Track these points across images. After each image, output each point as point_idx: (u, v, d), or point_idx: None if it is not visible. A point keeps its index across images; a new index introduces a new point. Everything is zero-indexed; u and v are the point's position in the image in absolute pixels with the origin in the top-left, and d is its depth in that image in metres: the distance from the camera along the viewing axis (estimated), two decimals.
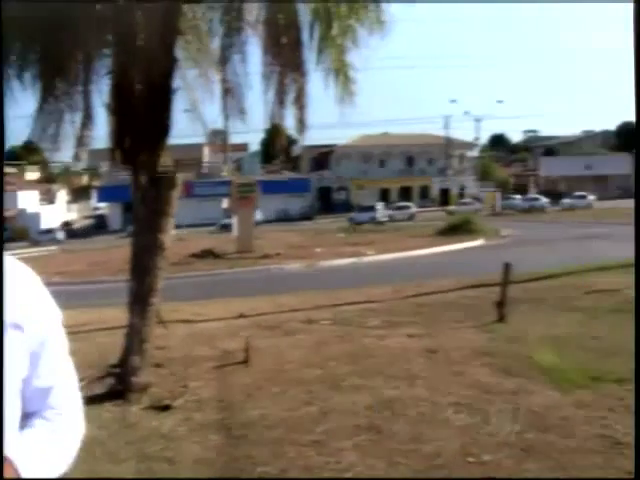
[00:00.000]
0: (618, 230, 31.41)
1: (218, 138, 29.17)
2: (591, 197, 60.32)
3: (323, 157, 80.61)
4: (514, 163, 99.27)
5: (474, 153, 74.48)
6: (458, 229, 31.75)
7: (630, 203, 25.37)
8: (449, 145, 77.06)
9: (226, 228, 39.10)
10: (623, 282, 12.53)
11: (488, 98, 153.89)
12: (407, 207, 61.44)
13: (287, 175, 76.36)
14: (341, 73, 7.41)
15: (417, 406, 5.80)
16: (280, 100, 7.42)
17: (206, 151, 72.77)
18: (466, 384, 6.39)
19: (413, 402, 5.90)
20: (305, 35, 7.25)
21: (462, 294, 12.33)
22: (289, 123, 7.72)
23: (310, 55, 7.29)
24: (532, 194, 68.30)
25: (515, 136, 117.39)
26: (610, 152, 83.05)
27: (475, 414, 5.53)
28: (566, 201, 59.26)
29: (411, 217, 57.55)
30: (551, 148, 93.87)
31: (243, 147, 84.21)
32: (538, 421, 5.34)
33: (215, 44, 7.29)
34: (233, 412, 6.18)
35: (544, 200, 60.67)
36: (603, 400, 5.83)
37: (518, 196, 65.75)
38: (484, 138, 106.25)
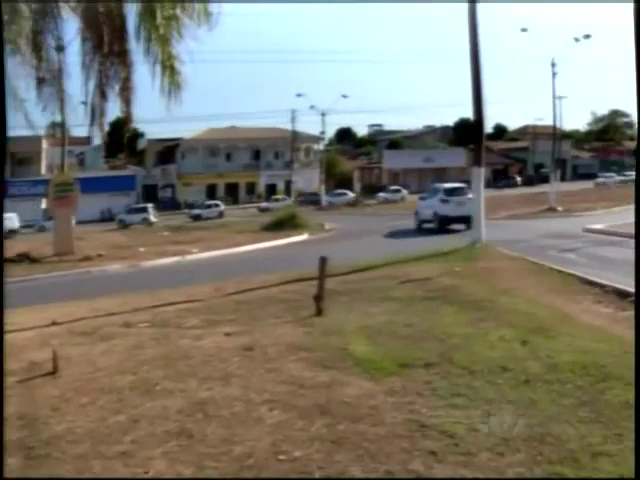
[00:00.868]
0: None
1: (57, 131, 27.44)
2: (404, 191, 63.85)
3: (169, 151, 78.70)
4: (360, 156, 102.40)
5: (321, 147, 76.07)
6: (284, 224, 32.17)
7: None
8: (295, 138, 77.87)
9: (45, 230, 37.11)
10: (435, 271, 13.22)
11: (334, 92, 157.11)
12: (216, 205, 61.34)
13: (112, 172, 73.56)
14: (167, 65, 7.13)
15: (230, 406, 5.67)
16: (101, 91, 7.00)
17: (45, 145, 67.70)
18: (281, 380, 6.35)
19: (226, 402, 5.77)
20: (131, 24, 6.90)
21: (283, 289, 12.40)
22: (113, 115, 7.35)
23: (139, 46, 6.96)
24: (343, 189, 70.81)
25: (361, 130, 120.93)
26: (449, 146, 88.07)
27: (288, 410, 5.50)
28: (382, 195, 62.34)
29: (220, 215, 57.57)
30: (395, 142, 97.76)
31: (85, 140, 79.70)
32: (350, 412, 5.39)
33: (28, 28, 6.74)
34: (36, 429, 5.72)
35: (351, 195, 63.95)
36: (412, 385, 6.02)
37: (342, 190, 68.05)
38: (331, 132, 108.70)
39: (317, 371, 6.61)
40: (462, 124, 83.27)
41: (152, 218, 54.81)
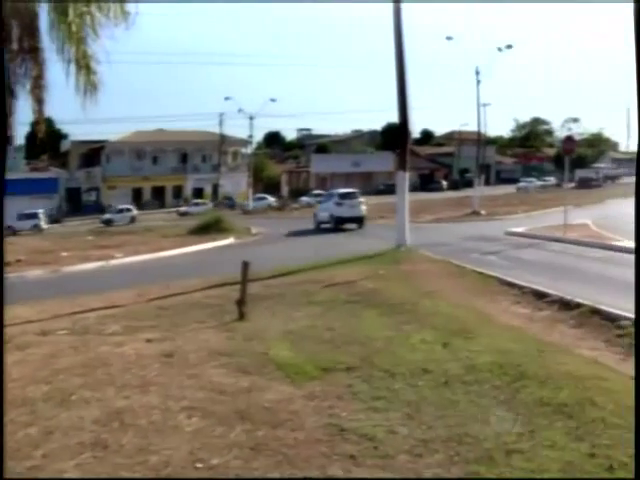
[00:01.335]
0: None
1: None
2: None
3: (94, 153, 76.57)
4: (288, 160, 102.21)
5: (249, 150, 75.67)
6: (210, 228, 31.86)
7: (391, 198, 27.42)
8: (223, 142, 77.06)
9: None
10: (359, 274, 13.31)
11: (262, 96, 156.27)
12: (128, 210, 60.04)
13: (34, 174, 71.16)
14: (82, 64, 6.92)
15: (148, 415, 5.53)
16: (10, 90, 6.72)
17: None
18: (200, 386, 6.26)
19: (144, 411, 5.63)
20: (43, 21, 6.66)
21: (206, 294, 12.25)
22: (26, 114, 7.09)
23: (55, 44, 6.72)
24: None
25: (290, 134, 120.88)
26: (376, 151, 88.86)
27: (208, 417, 5.41)
28: (304, 199, 62.57)
29: (132, 220, 56.43)
30: (323, 146, 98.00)
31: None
32: (270, 417, 5.36)
33: None
34: None
35: (271, 199, 64.05)
36: (333, 389, 6.03)
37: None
38: (260, 136, 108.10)
39: (238, 377, 6.54)
40: (390, 129, 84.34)
41: (43, 224, 52.68)
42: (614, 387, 5.94)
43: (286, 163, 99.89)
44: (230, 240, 28.85)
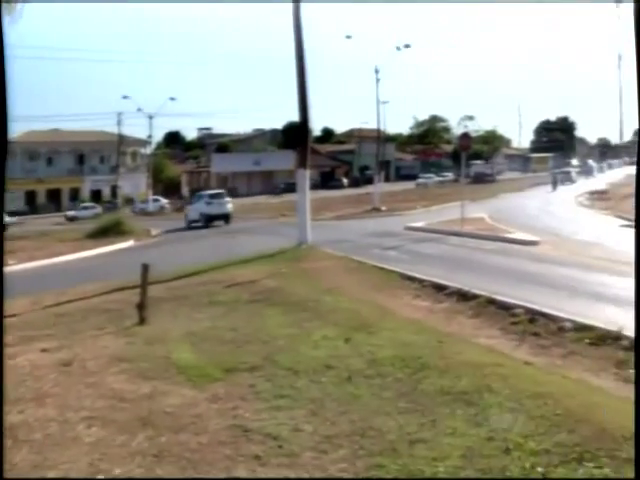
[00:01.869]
0: (262, 224, 33.57)
1: None
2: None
3: None
4: (188, 160, 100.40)
5: (148, 151, 73.74)
6: (109, 231, 31.01)
7: (292, 197, 27.63)
8: (122, 142, 74.85)
9: None
10: (261, 273, 13.27)
11: (161, 95, 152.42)
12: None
13: None
14: None
15: (44, 428, 5.31)
16: None
17: None
18: (100, 395, 6.06)
19: (40, 425, 5.39)
20: None
21: (105, 299, 11.89)
22: None
23: None
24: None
25: (190, 133, 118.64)
26: (278, 149, 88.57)
27: (108, 426, 5.25)
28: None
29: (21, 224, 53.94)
30: (224, 145, 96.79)
31: None
32: (172, 422, 5.25)
33: None
34: None
35: (164, 201, 63.00)
36: (236, 390, 5.98)
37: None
38: (159, 135, 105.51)
39: (139, 383, 6.37)
40: (291, 127, 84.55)
41: None
42: (510, 373, 6.18)
43: (186, 163, 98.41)
44: (130, 243, 28.18)
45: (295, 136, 45.12)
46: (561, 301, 10.19)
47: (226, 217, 36.12)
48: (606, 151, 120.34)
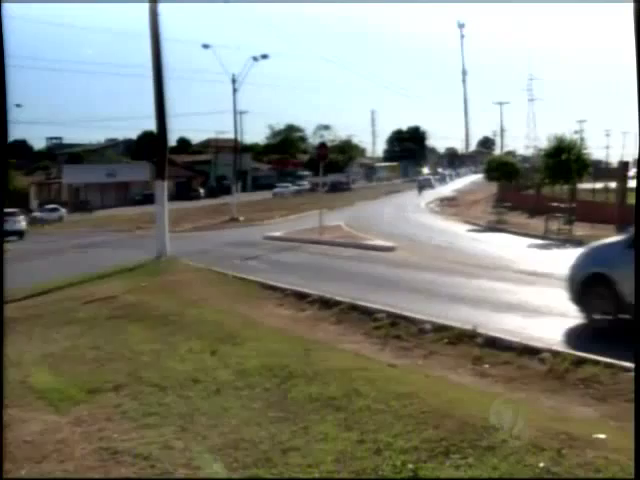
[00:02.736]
0: (118, 237, 32.56)
1: None
2: (62, 210, 61.34)
3: None
4: (37, 171, 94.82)
5: None
6: None
7: (149, 208, 26.74)
8: None
9: None
10: (120, 288, 12.86)
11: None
12: None
13: None
14: None
15: None
16: None
17: None
18: None
19: None
20: None
21: None
22: None
23: None
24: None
25: (38, 143, 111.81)
26: (132, 160, 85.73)
27: None
28: (37, 214, 59.15)
29: None
30: (76, 155, 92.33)
31: None
32: (33, 452, 4.95)
33: None
34: None
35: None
36: (101, 411, 5.76)
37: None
38: None
39: None
40: (145, 137, 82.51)
41: None
42: (376, 376, 6.36)
43: (34, 174, 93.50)
44: None
45: (151, 146, 44.12)
46: (420, 304, 10.63)
47: (20, 233, 38.10)
48: (454, 160, 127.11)
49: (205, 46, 43.45)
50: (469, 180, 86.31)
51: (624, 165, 28.55)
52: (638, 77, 2.89)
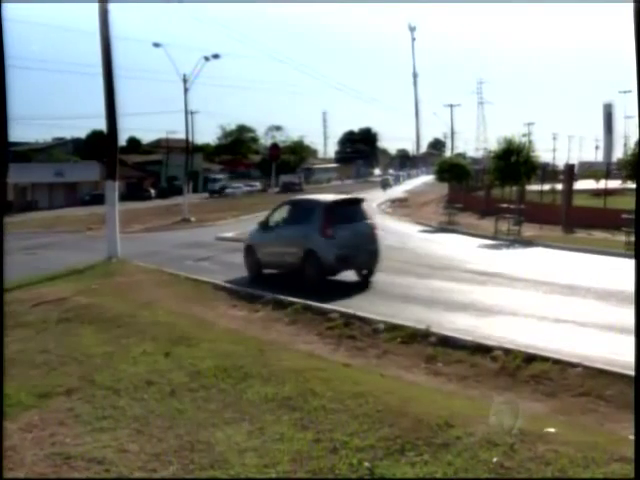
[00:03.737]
0: (68, 238, 31.93)
1: None
2: None
3: None
4: None
5: None
6: None
7: (99, 209, 26.15)
8: None
9: None
10: (71, 290, 12.62)
11: None
12: None
13: None
14: None
15: None
16: None
17: None
18: None
19: None
20: None
21: None
22: None
23: None
24: None
25: None
26: (81, 159, 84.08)
27: None
28: None
29: None
30: (21, 154, 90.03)
31: None
32: None
33: None
34: None
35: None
36: (53, 416, 5.65)
37: None
38: None
39: None
40: (95, 137, 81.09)
41: None
42: (330, 376, 6.40)
43: None
44: None
45: (100, 146, 43.39)
46: (373, 304, 10.70)
47: None
48: (405, 161, 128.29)
49: (156, 45, 42.87)
50: (420, 181, 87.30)
51: (570, 168, 29.45)
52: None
